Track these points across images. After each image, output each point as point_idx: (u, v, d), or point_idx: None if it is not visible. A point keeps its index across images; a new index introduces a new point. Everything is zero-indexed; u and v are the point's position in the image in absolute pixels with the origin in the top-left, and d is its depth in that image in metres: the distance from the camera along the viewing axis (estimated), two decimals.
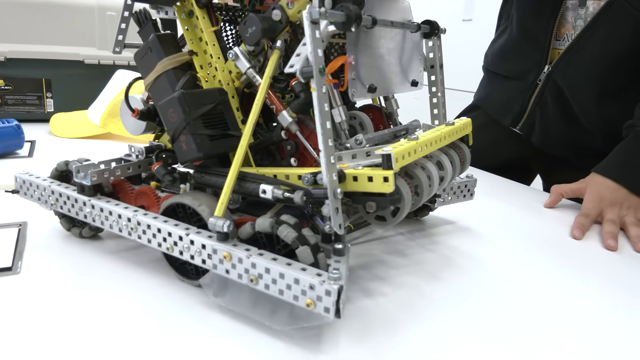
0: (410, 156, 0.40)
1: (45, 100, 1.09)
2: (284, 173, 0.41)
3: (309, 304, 0.34)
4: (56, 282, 0.44)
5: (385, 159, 0.37)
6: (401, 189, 0.39)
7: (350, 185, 0.38)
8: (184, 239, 0.40)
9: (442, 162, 0.46)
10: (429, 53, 0.54)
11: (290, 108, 0.43)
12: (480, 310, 0.44)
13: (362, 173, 0.38)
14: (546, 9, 0.81)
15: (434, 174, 0.44)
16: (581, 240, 0.62)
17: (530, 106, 0.86)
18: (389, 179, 0.36)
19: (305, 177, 0.39)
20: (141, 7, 0.49)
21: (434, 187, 0.44)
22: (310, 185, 0.39)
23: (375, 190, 0.37)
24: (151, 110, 0.50)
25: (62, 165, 0.51)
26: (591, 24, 0.76)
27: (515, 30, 0.88)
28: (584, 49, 0.77)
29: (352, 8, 0.37)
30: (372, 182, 0.37)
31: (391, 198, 0.38)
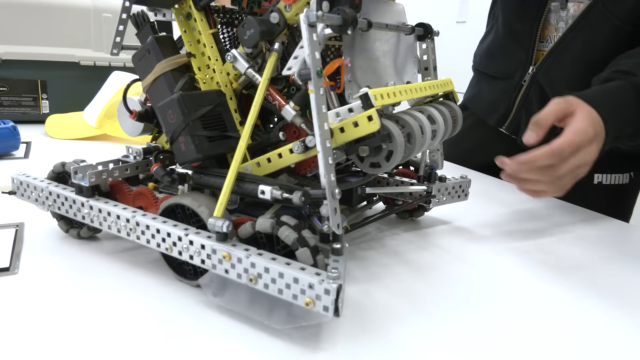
0: (390, 97, 0.41)
1: (40, 102, 1.08)
2: (276, 154, 0.42)
3: (308, 303, 0.35)
4: (54, 283, 0.44)
5: (364, 99, 0.38)
6: (389, 126, 0.40)
7: (341, 138, 0.39)
8: (183, 239, 0.40)
9: (432, 115, 0.47)
10: (422, 55, 0.55)
11: (292, 101, 0.43)
12: (476, 310, 0.45)
13: (347, 121, 0.39)
14: (530, 11, 0.82)
15: (425, 123, 0.44)
16: (575, 240, 0.63)
17: (516, 107, 0.86)
18: (372, 116, 0.37)
19: (295, 146, 0.40)
20: (139, 10, 0.49)
21: (427, 138, 0.45)
22: (302, 154, 0.40)
23: (364, 133, 0.38)
24: (149, 112, 0.50)
25: (58, 166, 0.51)
26: (572, 27, 0.77)
27: (502, 30, 0.89)
28: (566, 51, 0.78)
29: (348, 11, 0.38)
30: (359, 126, 0.38)
31: (381, 136, 0.39)
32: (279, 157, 0.42)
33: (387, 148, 0.41)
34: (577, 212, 0.74)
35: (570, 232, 0.65)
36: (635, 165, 0.84)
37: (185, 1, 0.46)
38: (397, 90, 0.42)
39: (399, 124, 0.42)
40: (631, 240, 0.65)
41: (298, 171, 0.47)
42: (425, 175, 0.60)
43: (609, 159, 0.82)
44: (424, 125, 0.44)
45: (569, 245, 0.61)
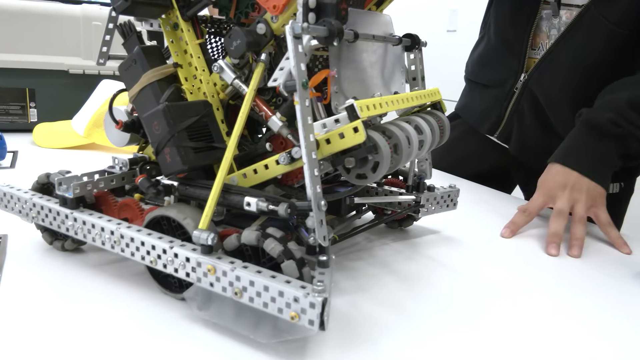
0: (376, 108, 0.41)
1: (28, 110, 1.07)
2: (262, 165, 0.42)
3: (293, 317, 0.34)
4: (37, 296, 0.43)
5: (350, 110, 0.38)
6: (374, 137, 0.40)
7: (327, 150, 0.39)
8: (167, 251, 0.40)
9: (420, 125, 0.47)
10: (410, 65, 0.55)
11: (279, 112, 0.43)
12: (465, 320, 0.44)
13: (333, 132, 0.38)
14: (522, 18, 0.82)
15: (412, 133, 0.44)
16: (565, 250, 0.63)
17: (507, 114, 0.87)
18: (358, 128, 0.37)
19: (281, 157, 0.40)
20: (126, 20, 0.49)
21: (414, 149, 0.45)
22: (288, 165, 0.40)
23: (350, 144, 0.38)
24: (135, 122, 0.50)
25: (43, 177, 0.50)
26: (565, 33, 0.77)
27: (494, 39, 0.89)
28: (558, 58, 0.79)
29: (334, 23, 0.38)
30: (345, 137, 0.38)
31: (367, 147, 0.39)
32: (265, 169, 0.42)
33: (373, 159, 0.40)
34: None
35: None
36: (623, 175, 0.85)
37: (172, 11, 0.46)
38: (384, 101, 0.42)
39: (385, 135, 0.42)
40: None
41: (285, 182, 0.46)
42: (414, 184, 0.60)
43: None
44: (410, 135, 0.44)
45: (561, 256, 0.61)
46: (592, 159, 0.68)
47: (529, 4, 0.81)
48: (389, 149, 0.40)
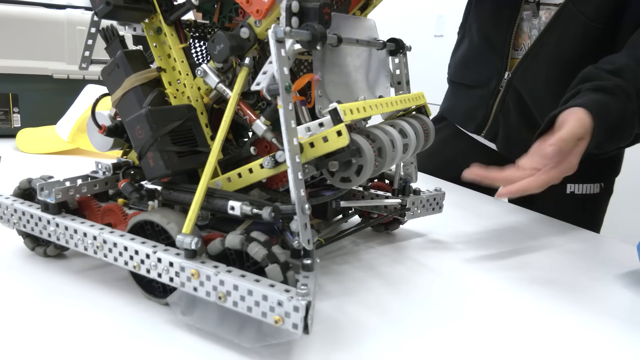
0: (360, 112, 0.41)
1: (12, 115, 1.06)
2: (246, 169, 0.42)
3: (277, 321, 0.34)
4: (19, 303, 0.42)
5: (333, 114, 0.38)
6: (358, 140, 0.40)
7: (310, 153, 0.39)
8: (150, 256, 0.40)
9: (404, 129, 0.47)
10: (395, 70, 0.55)
11: (263, 116, 0.43)
12: (450, 323, 0.45)
13: (317, 136, 0.38)
14: (503, 19, 0.84)
15: (396, 137, 0.44)
16: (547, 252, 0.63)
17: (493, 113, 0.88)
18: (341, 131, 0.37)
19: (265, 161, 0.40)
20: (108, 24, 0.49)
21: (398, 152, 0.45)
22: (272, 169, 0.40)
23: (333, 148, 0.38)
24: (119, 127, 0.50)
25: (24, 183, 0.50)
26: (545, 30, 0.79)
27: (476, 39, 0.90)
28: (539, 54, 0.80)
29: (317, 27, 0.38)
30: (328, 141, 0.38)
31: (350, 151, 0.39)
32: (249, 172, 0.42)
33: (357, 163, 0.41)
34: (550, 224, 0.75)
35: (543, 244, 0.66)
36: (603, 175, 0.86)
37: (155, 16, 0.46)
38: (368, 104, 0.42)
39: (369, 138, 0.42)
40: (601, 251, 0.66)
41: (270, 186, 0.46)
42: (399, 188, 0.61)
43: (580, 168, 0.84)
44: (394, 139, 0.44)
45: (541, 257, 0.62)
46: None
47: (510, 4, 0.82)
48: (372, 152, 0.41)
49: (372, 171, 0.42)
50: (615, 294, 0.53)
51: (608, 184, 0.87)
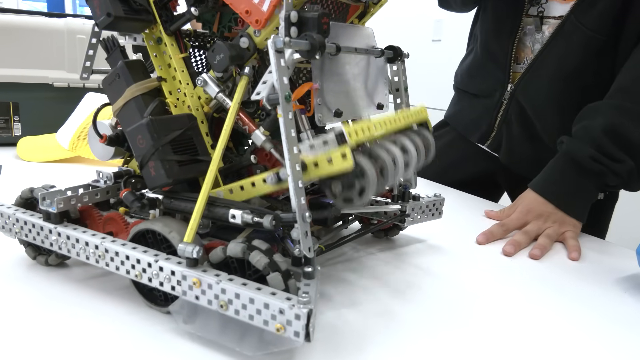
0: (365, 133, 0.41)
1: (12, 124, 1.06)
2: (249, 182, 0.42)
3: (279, 329, 0.34)
4: (21, 312, 0.43)
5: (339, 137, 0.38)
6: (362, 163, 0.40)
7: (314, 172, 0.39)
8: (152, 265, 0.40)
9: (405, 146, 0.48)
10: (393, 77, 0.56)
11: (262, 126, 0.43)
12: (452, 329, 0.45)
13: (321, 157, 0.38)
14: (504, 31, 0.84)
15: (398, 155, 0.45)
16: (551, 257, 0.64)
17: (497, 124, 0.88)
18: (346, 154, 0.37)
19: (269, 177, 0.40)
20: (109, 34, 0.49)
21: (399, 170, 0.45)
22: (275, 185, 0.40)
23: (337, 169, 0.38)
24: (120, 136, 0.50)
25: (26, 192, 0.50)
26: (547, 43, 0.79)
27: (480, 50, 0.91)
28: (541, 68, 0.81)
29: (315, 37, 0.38)
30: (332, 162, 0.38)
31: (354, 173, 0.39)
32: (252, 186, 0.42)
33: (359, 184, 0.41)
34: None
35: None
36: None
37: (155, 26, 0.46)
38: (372, 124, 0.42)
39: (372, 158, 0.42)
40: (604, 255, 0.66)
41: (270, 194, 0.47)
42: (399, 194, 0.61)
43: None
44: (396, 157, 0.44)
45: (545, 262, 0.62)
46: (571, 193, 0.71)
47: (510, 17, 0.82)
48: (375, 174, 0.41)
49: (374, 191, 0.42)
50: (615, 298, 0.53)
51: (612, 193, 0.88)
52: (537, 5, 0.79)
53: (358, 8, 0.54)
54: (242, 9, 0.42)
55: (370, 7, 0.54)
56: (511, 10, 0.81)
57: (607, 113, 0.70)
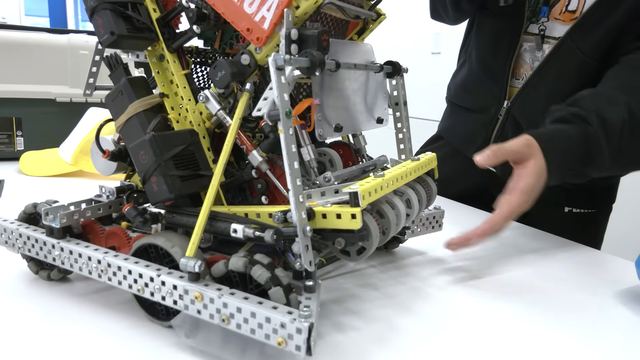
0: (377, 193, 0.41)
1: (15, 139, 1.07)
2: (255, 212, 0.42)
3: (280, 343, 0.35)
4: (23, 326, 0.43)
5: (353, 197, 0.38)
6: (369, 225, 0.40)
7: (320, 223, 0.40)
8: (155, 280, 0.40)
9: (410, 199, 0.48)
10: (393, 91, 0.56)
11: (260, 147, 0.44)
12: (451, 341, 0.45)
13: (331, 210, 0.39)
14: (502, 49, 0.85)
15: (402, 212, 0.45)
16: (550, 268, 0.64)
17: (493, 139, 0.89)
18: (356, 216, 0.38)
19: (275, 216, 0.40)
20: (112, 51, 0.50)
21: (401, 225, 0.45)
22: (281, 224, 0.40)
23: (344, 227, 0.39)
24: (122, 151, 0.50)
25: (30, 207, 0.51)
26: (544, 63, 0.80)
27: (476, 67, 0.92)
28: (538, 86, 0.81)
29: (315, 54, 0.39)
30: (341, 219, 0.39)
31: (359, 234, 0.40)
32: (257, 217, 0.42)
33: (362, 244, 0.41)
34: (550, 240, 0.76)
35: (543, 260, 0.66)
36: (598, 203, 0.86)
37: (157, 44, 0.47)
38: (385, 182, 0.42)
39: (379, 214, 0.43)
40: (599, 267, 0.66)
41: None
42: None
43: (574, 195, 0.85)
44: (400, 214, 0.45)
45: (541, 274, 0.62)
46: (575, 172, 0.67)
47: (509, 35, 0.83)
48: (379, 234, 0.41)
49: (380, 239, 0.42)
50: (613, 310, 0.53)
51: (605, 207, 0.88)
52: (538, 24, 0.80)
53: (357, 24, 0.55)
54: (243, 26, 0.43)
55: (370, 23, 0.55)
56: (510, 27, 0.82)
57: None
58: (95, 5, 0.45)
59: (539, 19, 0.79)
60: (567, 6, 0.75)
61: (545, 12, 0.77)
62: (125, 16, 0.45)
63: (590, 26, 0.73)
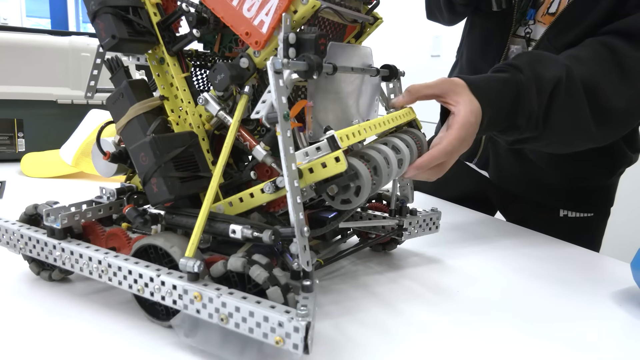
0: (355, 136, 0.43)
1: (16, 140, 1.08)
2: (248, 193, 0.43)
3: (278, 341, 0.35)
4: (25, 327, 0.43)
5: (331, 141, 0.40)
6: (355, 164, 0.41)
7: (310, 178, 0.41)
8: (154, 280, 0.41)
9: (396, 145, 0.49)
10: (390, 94, 0.57)
11: (262, 141, 0.44)
12: (450, 342, 0.45)
13: (315, 162, 0.40)
14: (491, 51, 0.85)
15: (389, 154, 0.46)
16: (546, 270, 0.64)
17: (483, 142, 0.89)
18: (339, 157, 0.39)
19: (266, 186, 0.41)
20: (113, 54, 0.51)
21: (393, 169, 0.46)
22: (273, 193, 0.41)
23: (332, 173, 0.40)
24: (123, 153, 0.51)
25: (30, 209, 0.51)
26: None
27: (465, 67, 0.92)
28: None
29: (313, 58, 0.40)
30: (327, 167, 0.40)
31: (348, 175, 0.41)
32: (250, 197, 0.43)
33: (355, 185, 0.42)
34: (546, 242, 0.76)
35: (540, 262, 0.67)
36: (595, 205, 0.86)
37: (158, 47, 0.48)
38: (362, 128, 0.44)
39: (364, 159, 0.44)
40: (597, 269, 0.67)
41: (268, 209, 0.48)
42: (396, 208, 0.62)
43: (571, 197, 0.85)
44: (388, 156, 0.46)
45: (538, 276, 0.62)
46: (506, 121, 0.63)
47: (497, 37, 0.84)
48: (369, 174, 0.42)
49: (370, 190, 0.43)
50: (609, 312, 0.54)
51: (602, 211, 0.88)
52: (525, 26, 0.80)
53: (355, 28, 0.56)
54: (242, 30, 0.43)
55: (367, 27, 0.56)
56: (499, 29, 0.82)
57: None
58: (97, 9, 0.45)
59: (527, 21, 0.79)
60: (548, 9, 0.76)
61: (532, 15, 0.78)
62: (127, 20, 0.46)
63: (565, 26, 0.73)
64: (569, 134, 0.66)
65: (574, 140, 0.68)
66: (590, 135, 0.66)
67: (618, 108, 0.65)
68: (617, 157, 0.81)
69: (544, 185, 0.86)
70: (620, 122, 0.68)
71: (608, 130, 0.68)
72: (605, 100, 0.64)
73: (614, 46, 0.65)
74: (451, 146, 0.55)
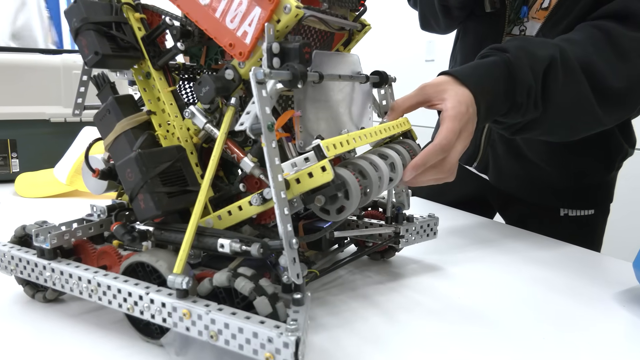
0: (343, 146, 0.42)
1: (10, 161, 1.08)
2: (236, 206, 0.43)
3: (268, 357, 0.34)
4: (16, 350, 0.43)
5: (317, 150, 0.39)
6: (342, 174, 0.41)
7: (297, 189, 0.40)
8: (143, 298, 0.40)
9: (385, 153, 0.49)
10: (382, 101, 0.57)
11: (250, 153, 0.44)
12: (447, 352, 0.44)
13: (302, 172, 0.39)
14: None
15: (377, 162, 0.46)
16: (547, 271, 0.63)
17: (482, 145, 0.88)
18: (325, 167, 0.38)
19: (254, 198, 0.41)
20: (99, 71, 0.50)
21: (384, 177, 0.46)
22: (261, 205, 0.40)
23: (319, 183, 0.39)
24: (112, 170, 0.51)
25: (19, 231, 0.50)
26: None
27: None
28: None
29: (297, 67, 0.39)
30: (313, 176, 0.39)
31: (335, 185, 0.40)
32: (239, 210, 0.43)
33: (342, 196, 0.41)
34: (547, 244, 0.75)
35: (540, 264, 0.66)
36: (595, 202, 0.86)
37: (143, 62, 0.48)
38: (350, 137, 0.43)
39: (352, 169, 0.43)
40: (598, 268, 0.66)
41: (259, 221, 0.47)
42: (392, 216, 0.61)
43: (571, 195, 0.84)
44: (376, 164, 0.45)
45: (539, 277, 0.61)
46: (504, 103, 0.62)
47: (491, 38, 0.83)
48: (357, 182, 0.41)
49: (361, 198, 0.42)
50: (611, 312, 0.53)
51: (602, 208, 0.88)
52: (520, 25, 0.80)
53: (343, 36, 0.55)
54: (226, 42, 0.43)
55: (355, 34, 0.56)
56: (492, 30, 0.82)
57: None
58: (79, 26, 0.45)
59: (521, 19, 0.79)
60: (542, 4, 0.76)
61: (525, 12, 0.77)
62: (110, 36, 0.46)
63: (558, 18, 0.73)
64: (572, 114, 0.64)
65: (578, 121, 0.66)
66: (595, 115, 0.64)
67: (619, 87, 0.63)
68: (614, 150, 0.81)
69: (544, 184, 0.85)
70: (622, 102, 0.66)
71: (612, 110, 0.65)
72: (603, 79, 0.62)
73: (607, 28, 0.64)
74: (445, 139, 0.54)
